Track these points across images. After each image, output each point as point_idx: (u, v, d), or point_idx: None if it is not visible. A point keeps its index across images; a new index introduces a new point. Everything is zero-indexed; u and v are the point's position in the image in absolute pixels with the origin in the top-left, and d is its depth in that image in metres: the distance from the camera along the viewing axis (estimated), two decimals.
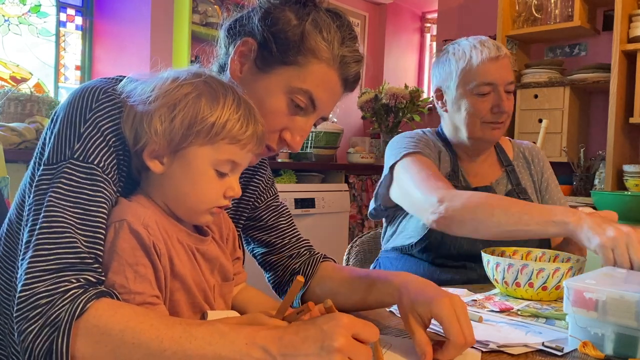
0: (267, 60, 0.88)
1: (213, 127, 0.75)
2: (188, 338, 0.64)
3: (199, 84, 0.77)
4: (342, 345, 0.62)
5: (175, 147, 0.75)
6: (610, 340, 0.81)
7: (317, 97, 0.88)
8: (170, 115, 0.74)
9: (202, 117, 0.75)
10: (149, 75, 0.80)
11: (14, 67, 3.02)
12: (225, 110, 0.76)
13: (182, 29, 3.06)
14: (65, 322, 0.64)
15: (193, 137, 0.75)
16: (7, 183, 1.39)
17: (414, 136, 1.49)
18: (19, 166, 2.23)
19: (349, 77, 0.91)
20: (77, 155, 0.74)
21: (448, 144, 1.52)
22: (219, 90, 0.77)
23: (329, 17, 0.89)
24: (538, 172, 1.56)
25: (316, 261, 1.05)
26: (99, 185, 0.74)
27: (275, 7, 0.89)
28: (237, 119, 0.77)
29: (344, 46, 0.88)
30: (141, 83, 0.78)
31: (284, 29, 0.87)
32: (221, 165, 0.77)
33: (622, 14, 2.61)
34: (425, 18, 4.80)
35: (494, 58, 1.39)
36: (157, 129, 0.74)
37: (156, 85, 0.76)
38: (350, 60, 0.89)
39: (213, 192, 0.78)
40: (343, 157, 3.87)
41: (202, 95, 0.76)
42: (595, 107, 3.01)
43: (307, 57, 0.87)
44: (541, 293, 1.11)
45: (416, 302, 0.80)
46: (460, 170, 1.49)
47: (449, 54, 1.45)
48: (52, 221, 0.70)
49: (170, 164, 0.77)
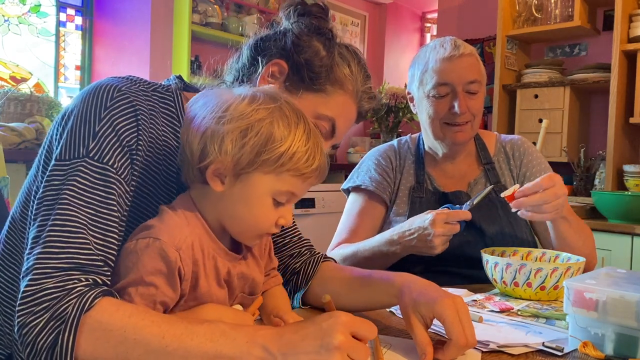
0: (297, 85, 0.92)
1: (280, 158, 0.74)
2: (189, 335, 0.65)
3: (275, 110, 0.75)
4: (341, 343, 0.63)
5: (241, 170, 0.75)
6: (611, 341, 0.81)
7: (337, 125, 0.95)
8: (242, 140, 0.73)
9: (271, 145, 0.73)
10: (219, 89, 0.81)
11: (13, 67, 3.03)
12: (295, 141, 0.75)
13: (182, 29, 3.06)
14: (73, 316, 0.64)
15: (259, 164, 0.74)
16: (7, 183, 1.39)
17: (377, 159, 1.53)
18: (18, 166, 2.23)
19: (363, 111, 0.99)
20: (92, 155, 0.74)
21: (419, 152, 1.52)
22: (292, 118, 0.76)
23: (349, 53, 0.96)
24: (517, 167, 1.50)
25: (317, 261, 1.05)
26: (112, 187, 0.74)
27: (305, 34, 0.93)
28: (305, 151, 0.75)
29: (364, 83, 0.96)
30: (216, 97, 0.77)
31: (315, 58, 0.92)
32: (280, 195, 0.77)
33: (622, 14, 2.61)
34: (425, 18, 4.80)
35: (448, 58, 1.36)
36: (227, 151, 0.73)
37: (232, 104, 0.75)
38: (367, 97, 0.97)
39: (267, 220, 0.78)
40: (343, 157, 3.87)
41: (275, 122, 0.74)
42: (595, 107, 3.01)
43: (334, 87, 0.93)
44: (539, 293, 1.11)
45: (418, 302, 0.81)
46: (428, 179, 1.49)
47: (416, 57, 1.46)
48: (66, 219, 0.70)
49: (232, 186, 0.76)
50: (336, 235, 1.50)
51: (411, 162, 1.52)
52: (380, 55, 4.46)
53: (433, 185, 1.48)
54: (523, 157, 1.51)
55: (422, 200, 1.44)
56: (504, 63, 3.02)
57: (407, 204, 1.45)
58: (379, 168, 1.51)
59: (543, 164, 1.51)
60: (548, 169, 1.49)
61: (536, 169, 1.48)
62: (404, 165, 1.52)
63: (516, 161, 1.51)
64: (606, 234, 2.32)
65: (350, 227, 1.48)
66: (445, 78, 1.36)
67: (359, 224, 1.48)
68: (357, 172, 1.55)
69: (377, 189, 1.47)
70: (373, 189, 1.47)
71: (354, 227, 1.47)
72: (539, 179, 1.16)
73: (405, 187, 1.48)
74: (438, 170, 1.50)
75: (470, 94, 1.38)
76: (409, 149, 1.55)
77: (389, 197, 1.49)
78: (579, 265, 1.14)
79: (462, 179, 1.49)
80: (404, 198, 1.47)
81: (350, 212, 1.50)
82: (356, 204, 1.50)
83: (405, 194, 1.47)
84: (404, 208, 1.45)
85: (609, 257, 2.30)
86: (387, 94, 3.46)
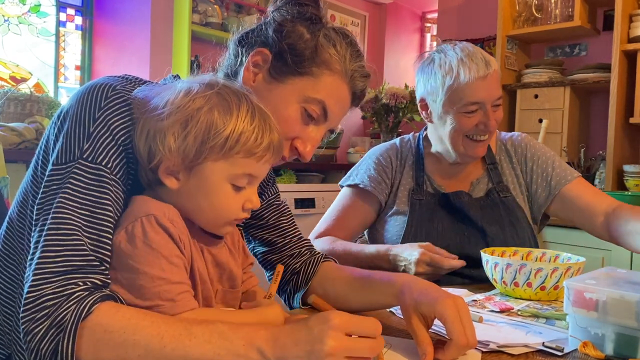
0: (282, 70, 0.90)
1: (227, 142, 0.73)
2: (188, 336, 0.65)
3: (212, 96, 0.75)
4: (332, 349, 0.62)
5: (190, 163, 0.74)
6: (611, 341, 0.81)
7: (329, 107, 0.92)
8: (184, 132, 0.73)
9: (214, 132, 0.73)
10: (161, 86, 0.79)
11: (13, 67, 3.02)
12: (239, 122, 0.74)
13: (182, 28, 3.06)
14: (71, 323, 0.65)
15: (207, 153, 0.73)
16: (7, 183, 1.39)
17: (378, 159, 1.53)
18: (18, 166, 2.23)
19: (357, 91, 0.95)
20: (85, 156, 0.74)
21: (419, 153, 1.51)
22: (232, 100, 0.75)
23: (338, 34, 0.93)
24: (521, 163, 1.49)
25: (317, 261, 1.05)
26: (106, 187, 0.74)
27: (288, 21, 0.92)
28: (252, 130, 0.75)
29: (354, 62, 0.93)
30: (154, 95, 0.77)
31: (298, 41, 0.90)
32: (237, 180, 0.76)
33: (622, 14, 2.61)
34: (425, 18, 4.80)
35: (483, 77, 1.32)
36: (171, 146, 0.73)
37: (169, 99, 0.74)
38: (359, 75, 0.94)
39: (231, 207, 0.78)
40: (343, 157, 3.87)
41: (214, 108, 0.74)
42: (595, 107, 3.01)
43: (320, 68, 0.90)
44: (540, 293, 1.11)
45: (420, 302, 0.81)
46: (428, 181, 1.48)
47: (435, 65, 1.38)
48: (60, 223, 0.70)
49: (187, 180, 0.75)
50: (321, 223, 1.52)
51: (411, 162, 1.51)
52: (380, 55, 4.46)
53: (433, 186, 1.48)
54: (526, 152, 1.50)
55: (422, 203, 1.44)
56: (504, 63, 3.01)
57: (408, 205, 1.45)
58: (379, 167, 1.51)
59: (548, 152, 1.50)
60: (554, 157, 1.49)
61: (542, 159, 1.48)
62: (404, 166, 1.51)
63: (519, 157, 1.50)
64: None
65: (338, 218, 1.50)
66: (478, 97, 1.33)
67: (347, 219, 1.50)
68: (356, 170, 1.55)
69: (375, 189, 1.48)
70: (370, 189, 1.48)
71: (341, 220, 1.49)
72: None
73: (405, 188, 1.48)
74: (440, 170, 1.50)
75: (494, 107, 1.37)
76: (410, 149, 1.54)
77: (385, 198, 1.49)
78: (579, 265, 1.14)
79: (465, 179, 1.49)
80: (404, 199, 1.47)
81: (342, 204, 1.52)
82: (349, 199, 1.52)
83: (405, 194, 1.47)
84: (405, 209, 1.45)
85: (609, 257, 2.30)
86: (387, 94, 3.46)
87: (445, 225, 1.41)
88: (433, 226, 1.41)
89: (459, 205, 1.41)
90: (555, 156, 1.50)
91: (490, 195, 1.44)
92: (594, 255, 2.28)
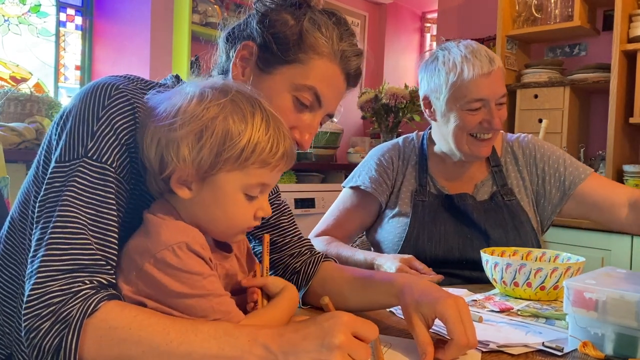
0: (269, 61, 0.89)
1: (242, 153, 0.72)
2: (194, 331, 0.66)
3: (226, 103, 0.73)
4: (342, 342, 0.63)
5: (204, 174, 0.73)
6: (610, 340, 0.81)
7: (321, 92, 0.89)
8: (199, 143, 0.71)
9: (230, 143, 0.71)
10: (169, 90, 0.78)
11: (13, 67, 3.02)
12: (254, 132, 0.72)
13: (182, 29, 3.06)
14: (77, 319, 0.65)
15: (222, 164, 0.72)
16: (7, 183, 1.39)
17: (379, 159, 1.52)
18: (18, 166, 2.23)
19: (351, 71, 0.92)
20: (90, 154, 0.74)
21: (423, 154, 1.51)
22: (246, 108, 0.74)
23: (324, 15, 0.91)
24: (530, 165, 1.48)
25: (317, 261, 1.05)
26: (111, 186, 0.74)
27: (272, 10, 0.90)
28: (267, 140, 0.73)
29: (342, 41, 0.90)
30: (162, 100, 0.75)
31: (282, 29, 0.88)
32: (251, 189, 0.76)
33: (622, 14, 2.61)
34: (425, 18, 4.79)
35: (487, 74, 1.32)
36: (186, 157, 0.71)
37: (180, 106, 0.73)
38: (350, 54, 0.91)
39: (244, 216, 0.77)
40: (343, 157, 3.87)
41: (229, 117, 0.72)
42: (595, 107, 3.01)
43: (307, 53, 0.88)
44: (539, 293, 1.11)
45: (420, 302, 0.81)
46: (431, 182, 1.48)
47: (439, 63, 1.37)
48: (67, 221, 0.70)
49: (199, 190, 0.75)
50: (322, 222, 1.54)
51: (414, 163, 1.51)
52: (380, 55, 4.46)
53: (436, 187, 1.47)
54: (535, 153, 1.49)
55: (425, 204, 1.44)
56: (503, 63, 3.00)
57: (410, 206, 1.45)
58: (380, 168, 1.51)
59: (558, 151, 1.49)
60: (564, 156, 1.48)
61: (552, 159, 1.47)
62: (407, 166, 1.50)
63: (528, 159, 1.49)
64: (606, 234, 2.31)
65: (337, 218, 1.52)
66: (482, 94, 1.33)
67: (347, 220, 1.52)
68: (359, 171, 1.55)
69: (376, 190, 1.47)
70: (371, 191, 1.48)
71: (340, 221, 1.51)
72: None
73: (407, 189, 1.48)
74: (444, 171, 1.49)
75: (499, 105, 1.36)
76: (414, 148, 1.53)
77: (385, 199, 1.49)
78: (579, 265, 1.14)
79: (469, 181, 1.48)
80: (406, 200, 1.47)
81: (342, 205, 1.53)
82: (350, 200, 1.53)
83: (407, 195, 1.47)
84: (407, 210, 1.45)
85: (609, 257, 2.30)
86: (386, 94, 3.45)
87: (449, 228, 1.41)
88: (436, 228, 1.41)
89: (463, 207, 1.41)
90: (565, 154, 1.49)
91: (494, 199, 1.44)
92: (594, 255, 2.28)
